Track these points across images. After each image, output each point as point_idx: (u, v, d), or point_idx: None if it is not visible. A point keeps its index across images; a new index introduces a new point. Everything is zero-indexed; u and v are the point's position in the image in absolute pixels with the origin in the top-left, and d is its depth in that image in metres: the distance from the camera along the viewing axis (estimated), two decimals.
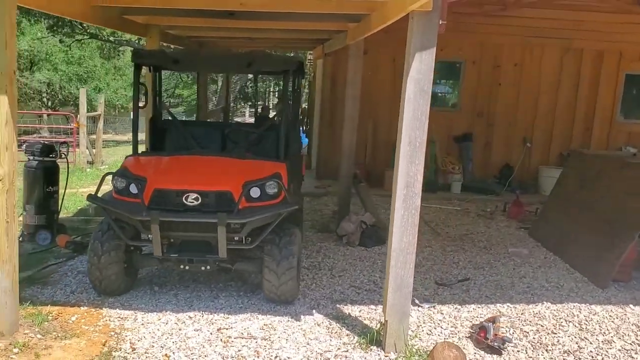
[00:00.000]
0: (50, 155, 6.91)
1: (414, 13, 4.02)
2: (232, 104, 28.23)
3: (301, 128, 15.55)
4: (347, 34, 7.76)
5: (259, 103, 28.01)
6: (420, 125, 4.15)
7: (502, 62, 11.44)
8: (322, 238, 7.54)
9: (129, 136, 23.80)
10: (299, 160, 6.74)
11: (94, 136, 14.79)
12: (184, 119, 23.16)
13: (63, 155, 7.16)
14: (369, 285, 5.89)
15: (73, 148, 13.69)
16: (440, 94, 12.56)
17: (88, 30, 20.25)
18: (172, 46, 11.12)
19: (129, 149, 18.01)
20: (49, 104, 24.95)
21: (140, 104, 5.97)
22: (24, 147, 6.97)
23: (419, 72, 4.08)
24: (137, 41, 21.09)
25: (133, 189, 4.91)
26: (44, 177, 6.81)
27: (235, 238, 4.92)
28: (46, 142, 7.37)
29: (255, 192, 4.92)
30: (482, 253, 7.24)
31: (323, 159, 11.69)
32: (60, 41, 22.92)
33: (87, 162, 13.80)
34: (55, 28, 19.44)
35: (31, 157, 6.85)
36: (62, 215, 7.35)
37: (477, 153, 11.64)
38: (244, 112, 32.10)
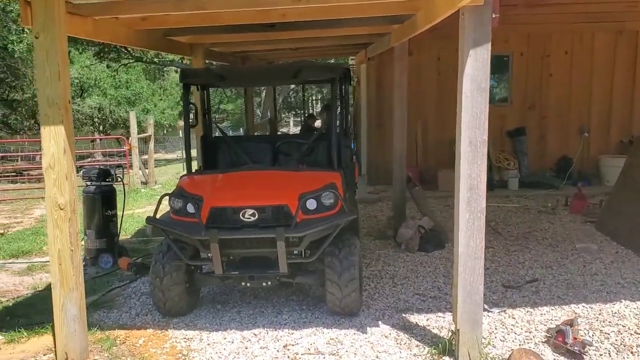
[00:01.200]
0: (107, 180, 7.02)
1: (465, 9, 3.87)
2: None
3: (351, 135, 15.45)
4: (390, 36, 7.62)
5: (305, 112, 28.02)
6: (479, 124, 3.99)
7: (551, 52, 11.09)
8: (380, 245, 7.40)
9: (178, 154, 24.20)
10: (352, 168, 6.63)
11: (145, 156, 15.07)
12: (230, 133, 23.38)
13: (119, 179, 7.26)
14: (433, 291, 5.71)
15: (127, 170, 14.00)
16: (492, 89, 12.24)
17: (133, 54, 20.77)
18: (214, 63, 11.23)
19: (179, 167, 18.38)
20: (101, 128, 25.68)
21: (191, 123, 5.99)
22: (81, 172, 7.11)
23: (475, 69, 3.92)
24: (180, 61, 21.47)
25: (190, 208, 4.89)
26: (102, 201, 6.91)
27: (294, 252, 4.86)
28: (102, 167, 7.50)
29: (311, 204, 4.83)
30: (548, 251, 6.95)
31: (374, 164, 11.54)
32: (108, 66, 23.60)
33: (141, 182, 14.08)
34: (101, 54, 20.04)
35: (88, 183, 6.97)
36: (121, 237, 7.46)
37: (531, 147, 11.29)
38: (288, 121, 32.15)
